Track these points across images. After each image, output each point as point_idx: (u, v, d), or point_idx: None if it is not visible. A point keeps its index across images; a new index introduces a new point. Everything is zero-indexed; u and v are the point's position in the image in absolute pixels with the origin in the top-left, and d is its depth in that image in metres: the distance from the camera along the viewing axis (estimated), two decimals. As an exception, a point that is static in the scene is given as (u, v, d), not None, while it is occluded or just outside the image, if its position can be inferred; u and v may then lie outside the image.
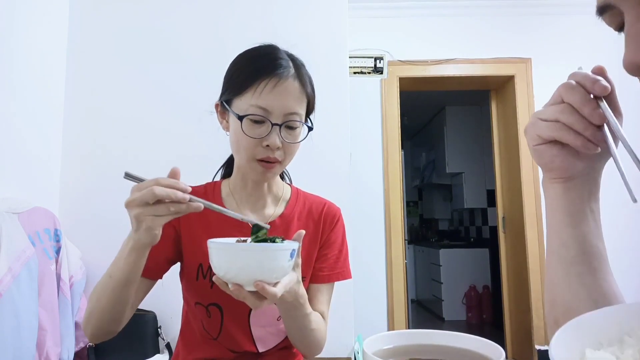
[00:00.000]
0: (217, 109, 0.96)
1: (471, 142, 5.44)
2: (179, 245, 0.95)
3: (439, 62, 3.27)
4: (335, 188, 2.15)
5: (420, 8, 3.27)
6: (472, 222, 5.91)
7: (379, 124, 3.25)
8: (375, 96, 3.27)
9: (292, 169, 1.09)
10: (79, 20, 2.29)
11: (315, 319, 0.90)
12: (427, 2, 3.26)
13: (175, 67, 2.29)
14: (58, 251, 1.90)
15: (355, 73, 3.24)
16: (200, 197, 0.72)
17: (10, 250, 1.61)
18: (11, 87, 1.88)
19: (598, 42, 3.20)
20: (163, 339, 2.06)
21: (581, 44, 3.20)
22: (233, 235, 0.92)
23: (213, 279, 0.71)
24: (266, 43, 0.95)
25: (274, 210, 1.00)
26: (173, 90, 2.27)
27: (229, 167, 1.08)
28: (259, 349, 0.97)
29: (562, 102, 0.51)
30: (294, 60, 0.92)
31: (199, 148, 1.99)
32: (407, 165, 5.14)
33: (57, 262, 1.88)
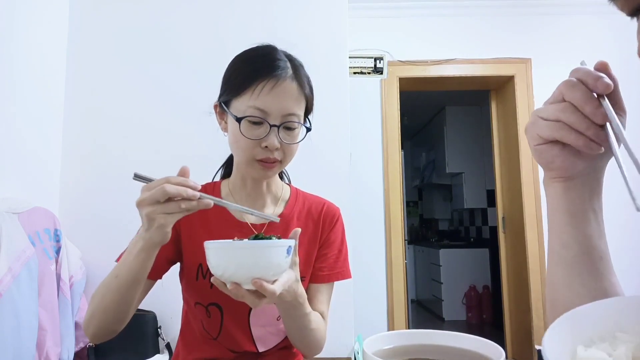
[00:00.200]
0: (215, 110, 0.96)
1: (471, 142, 5.44)
2: (179, 245, 0.95)
3: (439, 62, 3.27)
4: (335, 188, 2.15)
5: (420, 8, 3.27)
6: (472, 222, 5.90)
7: (379, 124, 3.25)
8: (375, 96, 3.27)
9: (291, 169, 1.09)
10: (79, 20, 2.29)
11: (314, 318, 0.90)
12: (427, 2, 3.26)
13: (175, 67, 2.29)
14: (58, 251, 1.90)
15: (355, 73, 3.24)
16: None
17: (10, 250, 1.61)
18: (11, 87, 1.88)
19: (598, 42, 3.20)
20: (163, 339, 2.06)
21: (581, 44, 3.20)
22: (233, 235, 0.92)
23: (211, 280, 0.71)
24: (264, 43, 0.94)
25: (273, 210, 1.00)
26: (173, 90, 2.27)
27: (228, 167, 1.08)
28: (259, 349, 0.97)
29: (563, 101, 0.50)
30: (292, 61, 0.92)
31: (199, 148, 1.99)
32: (407, 165, 5.14)
33: (57, 262, 1.88)
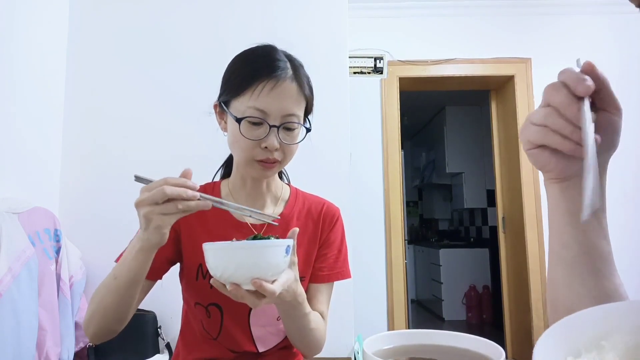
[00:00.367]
0: (215, 110, 0.96)
1: (471, 142, 5.44)
2: (178, 245, 0.95)
3: (439, 62, 3.27)
4: (335, 188, 2.15)
5: (420, 8, 3.27)
6: (472, 222, 5.90)
7: (379, 124, 3.25)
8: (375, 96, 3.27)
9: (291, 169, 1.09)
10: (79, 20, 2.29)
11: (314, 318, 0.90)
12: (427, 2, 3.26)
13: (175, 67, 2.29)
14: (58, 251, 1.90)
15: (355, 73, 3.24)
16: None
17: (10, 250, 1.61)
18: (11, 87, 1.88)
19: (598, 42, 3.21)
20: (163, 339, 2.06)
21: (581, 44, 3.20)
22: (233, 235, 0.92)
23: (211, 281, 0.71)
24: (264, 43, 0.94)
25: (273, 209, 1.00)
26: (173, 90, 2.27)
27: (228, 167, 1.08)
28: (259, 349, 0.97)
29: (549, 104, 0.50)
30: (292, 61, 0.92)
31: (199, 148, 1.99)
32: (407, 165, 5.14)
33: (57, 262, 1.88)
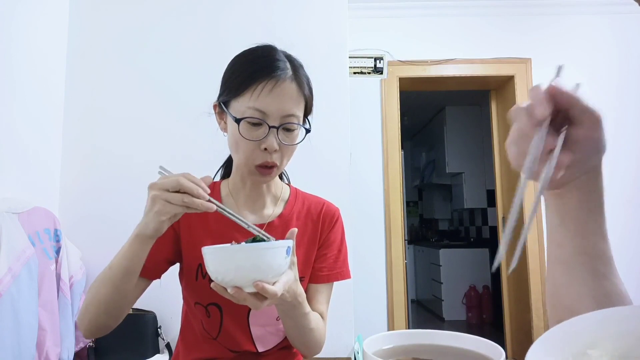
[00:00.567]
0: (215, 110, 0.96)
1: (471, 142, 5.44)
2: (178, 245, 0.95)
3: (439, 62, 3.27)
4: (335, 188, 2.15)
5: (420, 8, 3.27)
6: (472, 222, 5.90)
7: (379, 124, 3.25)
8: (375, 96, 3.26)
9: (292, 169, 1.08)
10: (79, 20, 2.29)
11: (314, 318, 0.90)
12: (427, 2, 3.26)
13: (175, 67, 2.29)
14: (58, 251, 1.90)
15: (355, 73, 3.24)
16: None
17: (10, 250, 1.61)
18: (11, 87, 1.88)
19: (598, 42, 3.20)
20: (163, 339, 2.06)
21: (581, 44, 3.20)
22: (232, 236, 0.92)
23: (211, 285, 0.71)
24: (264, 43, 0.94)
25: (272, 210, 1.00)
26: (173, 90, 2.27)
27: (228, 167, 1.08)
28: (259, 349, 0.97)
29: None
30: (292, 62, 0.91)
31: (199, 148, 1.99)
32: (407, 165, 5.14)
33: (57, 262, 1.88)
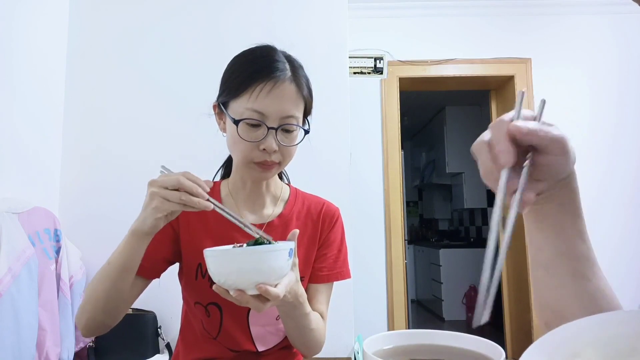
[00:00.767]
0: (214, 110, 0.96)
1: (471, 142, 5.15)
2: (177, 245, 0.95)
3: (439, 62, 3.27)
4: (335, 188, 2.15)
5: (420, 8, 3.27)
6: (472, 222, 5.90)
7: (379, 124, 3.25)
8: (375, 96, 3.26)
9: (292, 169, 1.08)
10: (79, 20, 2.29)
11: (314, 318, 0.90)
12: (427, 2, 3.26)
13: (174, 67, 2.29)
14: (58, 251, 1.90)
15: (355, 73, 3.24)
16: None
17: (10, 250, 1.61)
18: (11, 87, 1.88)
19: (598, 42, 3.20)
20: (163, 339, 2.06)
21: (581, 44, 3.20)
22: (232, 235, 0.92)
23: (213, 288, 0.71)
24: (263, 44, 0.93)
25: (272, 210, 1.00)
26: (173, 90, 2.27)
27: (228, 167, 1.08)
28: (259, 348, 0.97)
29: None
30: (292, 62, 0.91)
31: (199, 148, 1.99)
32: (407, 165, 5.13)
33: (57, 262, 1.88)
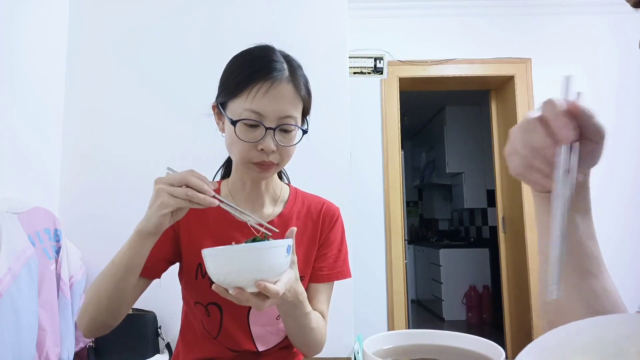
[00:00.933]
0: (213, 111, 0.95)
1: (471, 142, 5.44)
2: (177, 245, 0.95)
3: (439, 62, 3.27)
4: (335, 188, 2.15)
5: (420, 8, 3.27)
6: (472, 222, 5.90)
7: (379, 124, 3.25)
8: (375, 96, 3.26)
9: (291, 169, 1.09)
10: (79, 20, 2.29)
11: (314, 318, 0.90)
12: (427, 2, 3.25)
13: (175, 67, 2.29)
14: (58, 251, 1.90)
15: (355, 73, 3.24)
16: None
17: (10, 250, 1.61)
18: (11, 87, 1.88)
19: (598, 42, 3.20)
20: (163, 339, 2.06)
21: (581, 44, 3.20)
22: (232, 236, 0.92)
23: (212, 287, 0.71)
24: (262, 44, 0.93)
25: (272, 209, 1.00)
26: (173, 90, 2.27)
27: (228, 167, 1.08)
28: (259, 348, 0.97)
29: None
30: (290, 62, 0.90)
31: (199, 148, 1.99)
32: (407, 165, 5.14)
33: (57, 262, 1.88)
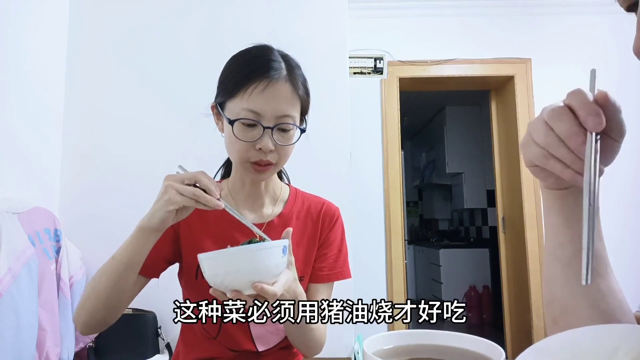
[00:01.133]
0: (212, 111, 0.95)
1: (471, 142, 5.44)
2: (177, 245, 0.95)
3: (439, 63, 3.27)
4: (335, 188, 2.15)
5: (420, 8, 3.27)
6: (472, 222, 5.90)
7: (379, 124, 3.24)
8: (375, 96, 3.26)
9: (291, 169, 1.08)
10: (79, 20, 2.29)
11: (314, 318, 0.90)
12: (427, 2, 3.25)
13: (174, 67, 2.29)
14: (58, 251, 1.90)
15: (355, 73, 3.24)
16: None
17: (10, 250, 1.61)
18: (11, 87, 1.88)
19: (598, 42, 3.20)
20: (163, 339, 2.06)
21: (581, 44, 3.20)
22: (232, 236, 0.92)
23: (210, 291, 0.71)
24: (260, 43, 0.93)
25: (272, 209, 1.00)
26: (173, 90, 2.27)
27: (228, 167, 1.08)
28: (259, 348, 0.97)
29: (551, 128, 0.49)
30: (288, 62, 0.90)
31: (199, 148, 1.99)
32: (407, 165, 5.14)
33: (57, 262, 1.88)
